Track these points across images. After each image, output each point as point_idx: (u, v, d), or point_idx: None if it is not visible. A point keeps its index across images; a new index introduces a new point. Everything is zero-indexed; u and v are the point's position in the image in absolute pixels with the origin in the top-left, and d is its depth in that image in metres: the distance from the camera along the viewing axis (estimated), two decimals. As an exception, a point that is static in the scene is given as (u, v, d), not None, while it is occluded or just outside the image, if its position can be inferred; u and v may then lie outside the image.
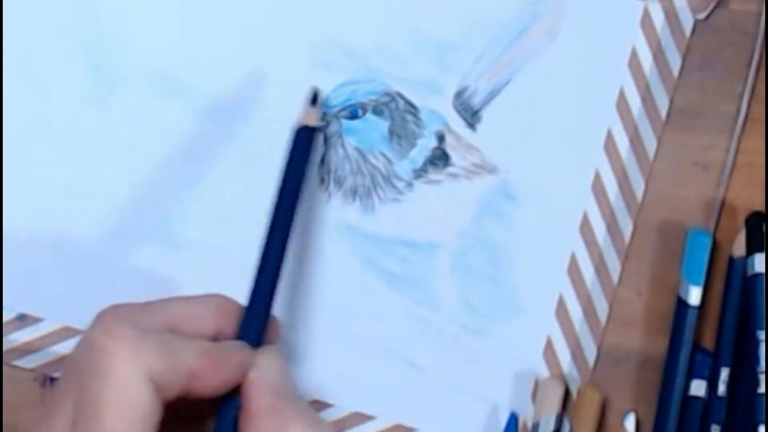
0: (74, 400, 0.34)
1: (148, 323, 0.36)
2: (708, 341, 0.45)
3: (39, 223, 0.46)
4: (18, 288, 0.46)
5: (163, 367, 0.34)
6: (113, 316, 0.36)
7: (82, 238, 0.46)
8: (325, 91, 0.45)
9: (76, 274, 0.46)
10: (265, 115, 0.45)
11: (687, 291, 0.43)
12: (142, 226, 0.46)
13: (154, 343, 0.34)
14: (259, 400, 0.36)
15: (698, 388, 0.44)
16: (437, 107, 0.45)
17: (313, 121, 0.43)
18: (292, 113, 0.44)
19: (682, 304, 0.43)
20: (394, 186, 0.45)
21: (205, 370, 0.35)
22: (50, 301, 0.47)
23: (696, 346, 0.44)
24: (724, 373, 0.44)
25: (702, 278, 0.43)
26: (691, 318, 0.43)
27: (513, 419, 0.46)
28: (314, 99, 0.43)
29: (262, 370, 0.37)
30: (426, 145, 0.45)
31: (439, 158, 0.45)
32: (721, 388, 0.44)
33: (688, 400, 0.44)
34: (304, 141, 0.42)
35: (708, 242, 0.43)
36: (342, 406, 0.46)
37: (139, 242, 0.46)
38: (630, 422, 0.45)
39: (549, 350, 0.45)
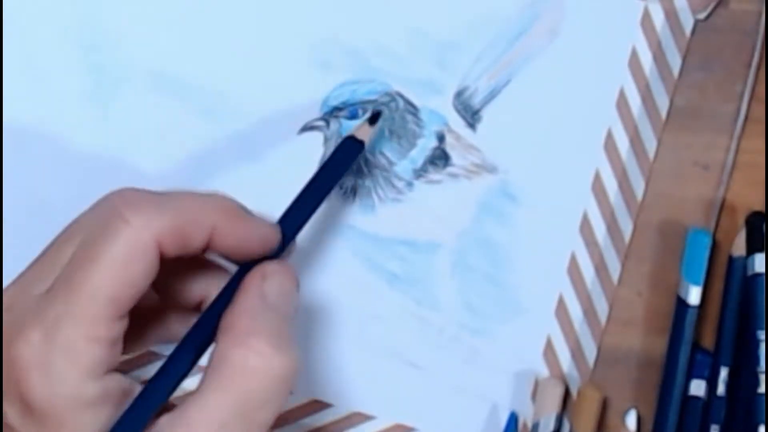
0: (72, 252, 0.34)
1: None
2: (708, 341, 0.45)
3: (39, 223, 0.46)
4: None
5: (176, 229, 0.34)
6: (131, 189, 0.36)
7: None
8: (325, 91, 0.45)
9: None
10: (265, 115, 0.45)
11: (687, 291, 0.43)
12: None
13: (170, 207, 0.34)
14: (246, 297, 0.36)
15: (698, 388, 0.44)
16: (437, 107, 0.45)
17: (364, 136, 0.42)
18: (292, 113, 0.44)
19: (682, 304, 0.43)
20: (394, 186, 0.45)
21: (230, 229, 0.35)
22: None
23: (696, 346, 0.44)
24: (724, 373, 0.44)
25: (702, 278, 0.43)
26: (691, 318, 0.43)
27: (513, 419, 0.46)
28: (374, 119, 0.43)
29: (266, 277, 0.36)
30: (426, 145, 0.45)
31: (439, 158, 0.45)
32: (721, 388, 0.44)
33: (688, 399, 0.44)
34: (347, 150, 0.42)
35: (708, 242, 0.43)
36: (342, 406, 0.47)
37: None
38: (631, 419, 0.45)
39: (549, 350, 0.46)
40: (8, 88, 0.45)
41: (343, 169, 0.42)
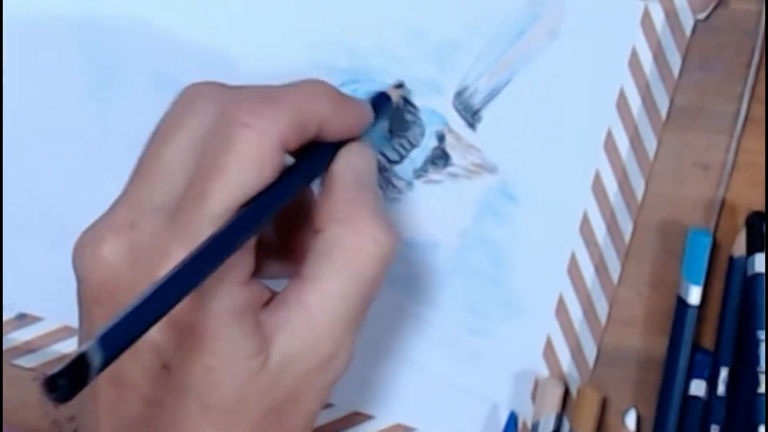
0: (185, 157, 0.34)
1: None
2: (708, 341, 0.45)
3: (39, 222, 0.46)
4: (18, 288, 0.46)
5: (296, 124, 0.34)
6: (223, 87, 0.35)
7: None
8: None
9: (76, 274, 0.46)
10: (265, 115, 0.45)
11: (687, 291, 0.43)
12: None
13: (284, 103, 0.34)
14: (343, 183, 0.36)
15: (698, 388, 0.44)
16: (437, 107, 0.45)
17: (393, 95, 0.43)
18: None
19: (682, 304, 0.43)
20: (394, 186, 0.45)
21: (337, 113, 0.35)
22: (50, 301, 0.47)
23: (696, 346, 0.44)
24: (724, 373, 0.44)
25: (702, 278, 0.43)
26: (691, 318, 0.43)
27: (512, 419, 0.46)
28: (399, 85, 0.44)
29: (353, 155, 0.37)
30: (426, 145, 0.45)
31: (439, 158, 0.45)
32: (721, 388, 0.44)
33: (688, 400, 0.44)
34: (378, 102, 0.42)
35: (708, 242, 0.43)
36: (342, 406, 0.47)
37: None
38: (631, 419, 0.45)
39: (549, 350, 0.45)
40: (8, 88, 0.45)
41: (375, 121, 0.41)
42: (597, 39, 0.44)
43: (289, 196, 0.35)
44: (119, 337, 0.27)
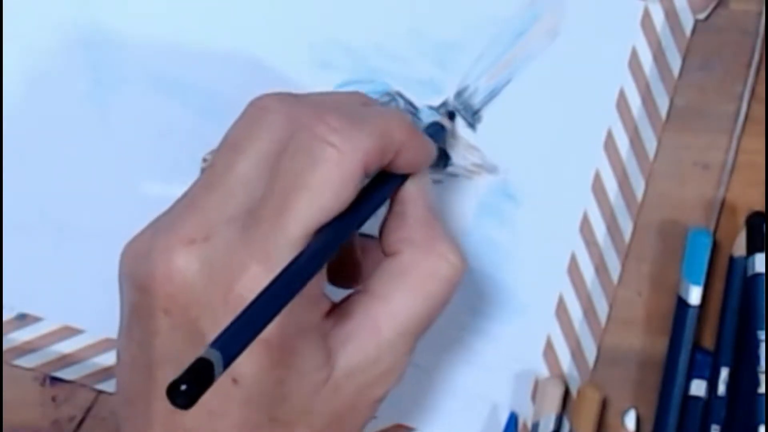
0: (258, 169, 0.34)
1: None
2: (708, 341, 0.45)
3: (39, 222, 0.46)
4: (18, 288, 0.46)
5: (379, 149, 0.34)
6: (302, 98, 0.35)
7: (82, 237, 0.46)
8: (325, 91, 0.45)
9: (76, 274, 0.46)
10: (265, 115, 0.45)
11: (687, 291, 0.43)
12: (142, 226, 0.46)
13: (369, 127, 0.34)
14: (416, 209, 0.37)
15: (698, 388, 0.44)
16: (437, 107, 0.45)
17: (447, 125, 0.44)
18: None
19: (682, 304, 0.43)
20: (394, 186, 0.45)
21: (410, 144, 0.36)
22: (50, 301, 0.47)
23: (696, 346, 0.44)
24: (724, 373, 0.44)
25: (702, 278, 0.43)
26: (691, 318, 0.43)
27: (513, 419, 0.46)
28: (452, 114, 0.44)
29: (421, 183, 0.37)
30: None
31: (439, 158, 0.45)
32: (721, 388, 0.44)
33: (688, 400, 0.44)
34: (434, 131, 0.43)
35: (708, 242, 0.43)
36: (342, 406, 0.46)
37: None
38: (630, 419, 0.45)
39: (549, 350, 0.45)
40: (8, 88, 0.45)
41: None
42: (597, 39, 0.44)
43: (362, 222, 0.36)
44: (235, 342, 0.28)
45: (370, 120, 0.34)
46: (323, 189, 0.32)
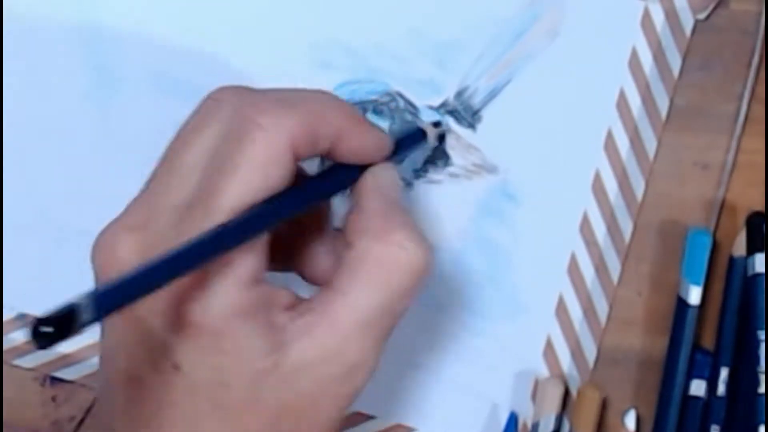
0: (201, 157, 0.34)
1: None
2: (708, 341, 0.45)
3: (39, 222, 0.46)
4: (18, 288, 0.46)
5: (309, 130, 0.34)
6: (244, 90, 0.35)
7: (82, 237, 0.46)
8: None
9: (76, 274, 0.46)
10: (265, 115, 0.45)
11: (687, 291, 0.43)
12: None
13: (299, 107, 0.34)
14: (371, 201, 0.36)
15: (698, 388, 0.44)
16: (437, 107, 0.45)
17: (430, 132, 0.43)
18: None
19: (682, 304, 0.43)
20: (394, 186, 0.45)
21: (352, 132, 0.35)
22: (50, 301, 0.46)
23: (696, 346, 0.44)
24: (724, 373, 0.44)
25: (702, 278, 0.43)
26: (690, 318, 0.43)
27: (513, 419, 0.46)
28: (437, 123, 0.44)
29: (379, 175, 0.37)
30: (426, 145, 0.45)
31: (439, 158, 0.45)
32: (721, 388, 0.44)
33: (688, 400, 0.44)
34: (414, 136, 0.43)
35: (708, 242, 0.43)
36: (342, 406, 0.46)
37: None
38: (630, 419, 0.45)
39: (549, 350, 0.45)
40: (8, 88, 0.45)
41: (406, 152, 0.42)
42: (597, 39, 0.44)
43: (302, 206, 0.35)
44: (112, 299, 0.28)
45: (303, 103, 0.35)
46: (250, 169, 0.33)
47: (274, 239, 0.35)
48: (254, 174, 0.33)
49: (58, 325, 0.26)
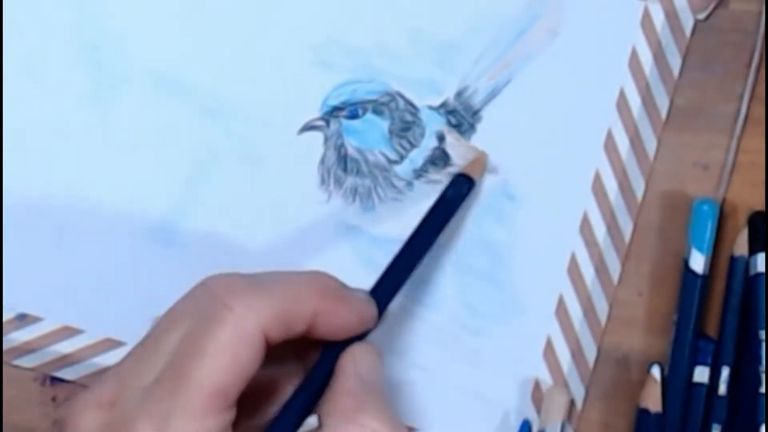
0: (177, 340, 0.34)
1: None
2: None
3: (39, 222, 0.46)
4: (18, 288, 0.47)
5: (281, 313, 0.35)
6: (228, 275, 0.36)
7: (82, 237, 0.46)
8: (325, 91, 0.45)
9: (76, 274, 0.46)
10: (265, 115, 0.45)
11: (693, 258, 0.43)
12: (142, 226, 0.46)
13: (272, 292, 0.35)
14: (346, 382, 0.36)
15: (701, 374, 0.44)
16: (437, 107, 0.45)
17: (475, 173, 0.44)
18: (292, 113, 0.45)
19: (689, 274, 0.43)
20: (394, 186, 0.45)
21: (330, 310, 0.36)
22: (50, 301, 0.47)
23: (700, 334, 0.44)
24: (726, 373, 0.43)
25: (709, 247, 0.42)
26: (696, 286, 0.43)
27: (525, 427, 0.45)
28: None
29: (357, 358, 0.37)
30: (426, 145, 0.45)
31: (439, 158, 0.45)
32: (723, 388, 0.43)
33: (691, 387, 0.44)
34: (458, 187, 0.43)
35: (714, 211, 0.43)
36: (342, 406, 0.46)
37: (139, 242, 0.46)
38: (656, 370, 0.44)
39: (549, 350, 0.45)
40: (8, 88, 0.46)
41: (457, 206, 0.43)
42: (597, 39, 0.44)
43: (305, 412, 0.36)
44: None
45: (278, 286, 0.35)
46: (217, 349, 0.33)
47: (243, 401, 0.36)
48: (222, 355, 0.33)
49: None
